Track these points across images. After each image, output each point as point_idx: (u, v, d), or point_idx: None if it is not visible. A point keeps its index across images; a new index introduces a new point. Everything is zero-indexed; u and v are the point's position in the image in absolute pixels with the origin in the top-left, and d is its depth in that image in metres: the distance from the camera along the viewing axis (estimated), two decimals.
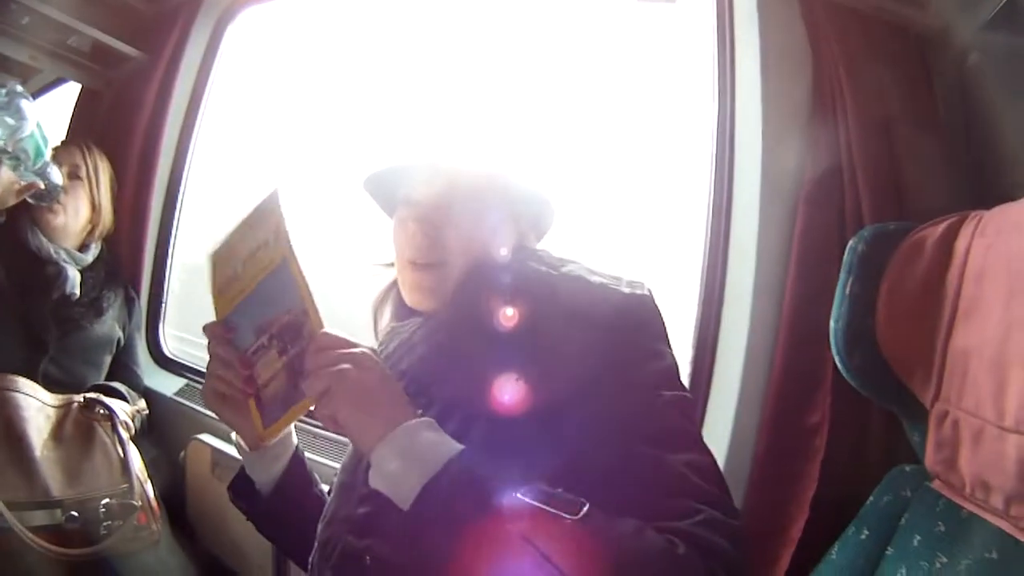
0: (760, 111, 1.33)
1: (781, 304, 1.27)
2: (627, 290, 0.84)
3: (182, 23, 2.20)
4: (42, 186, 1.64)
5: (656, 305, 0.86)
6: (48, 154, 1.63)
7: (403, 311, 1.06)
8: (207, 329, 0.89)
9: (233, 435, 0.97)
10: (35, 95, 2.29)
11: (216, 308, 0.91)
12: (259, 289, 0.85)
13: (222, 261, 0.93)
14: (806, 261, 1.24)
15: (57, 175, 1.69)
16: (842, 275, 1.07)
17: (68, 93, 2.41)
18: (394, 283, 1.08)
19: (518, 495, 0.64)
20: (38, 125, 1.57)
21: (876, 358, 1.03)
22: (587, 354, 0.78)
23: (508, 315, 0.84)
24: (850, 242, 1.08)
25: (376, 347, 1.05)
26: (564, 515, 0.62)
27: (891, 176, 1.18)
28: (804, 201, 1.26)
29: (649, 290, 0.86)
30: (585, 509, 0.63)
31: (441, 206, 0.93)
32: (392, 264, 1.01)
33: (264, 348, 0.83)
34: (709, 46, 1.48)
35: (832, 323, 1.07)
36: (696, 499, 0.68)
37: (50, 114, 2.17)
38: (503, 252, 0.95)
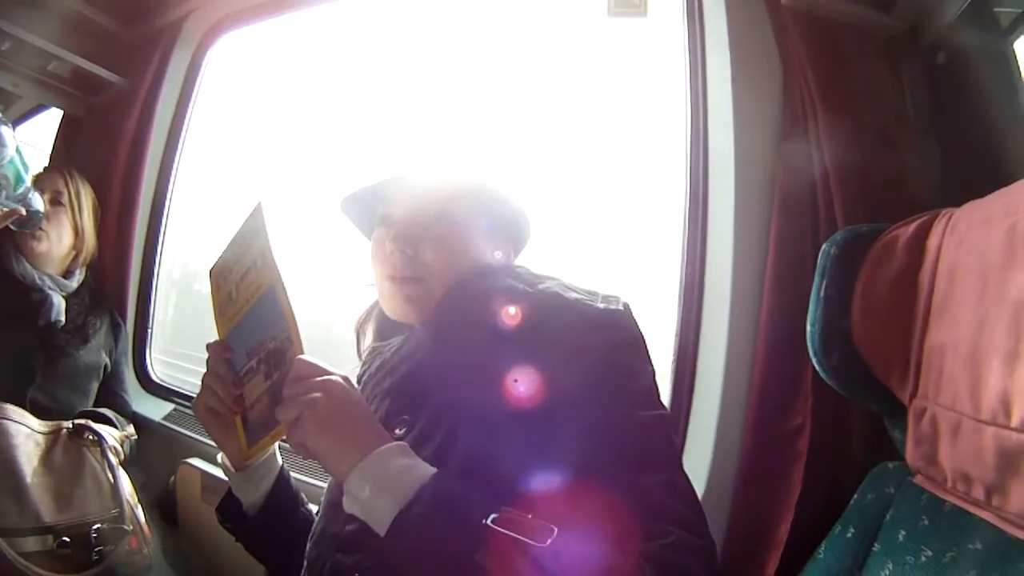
0: (732, 121, 1.34)
1: (759, 310, 1.28)
2: (602, 305, 0.85)
3: (162, 48, 2.21)
4: (24, 213, 1.63)
5: (632, 318, 0.87)
6: (29, 180, 1.63)
7: (385, 331, 1.08)
8: (210, 347, 0.91)
9: (219, 456, 0.97)
10: (16, 122, 2.30)
11: (217, 326, 0.94)
12: (251, 313, 0.87)
13: (221, 279, 0.96)
14: (782, 266, 1.25)
15: (39, 201, 1.68)
16: (816, 278, 1.08)
17: (50, 119, 2.42)
18: (376, 304, 1.09)
19: (489, 521, 0.65)
20: (18, 151, 1.56)
21: (854, 358, 1.03)
22: (563, 371, 0.79)
23: (486, 333, 0.85)
24: (823, 246, 1.08)
25: (359, 367, 1.05)
26: (533, 543, 0.63)
27: (863, 179, 1.19)
28: (778, 208, 1.27)
29: (624, 304, 0.87)
30: (554, 535, 0.64)
31: (417, 223, 0.94)
32: (372, 284, 1.02)
33: (253, 370, 0.85)
34: (680, 57, 1.49)
35: (809, 326, 1.08)
36: (669, 520, 0.69)
37: (32, 141, 2.18)
38: (481, 267, 0.96)
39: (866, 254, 1.03)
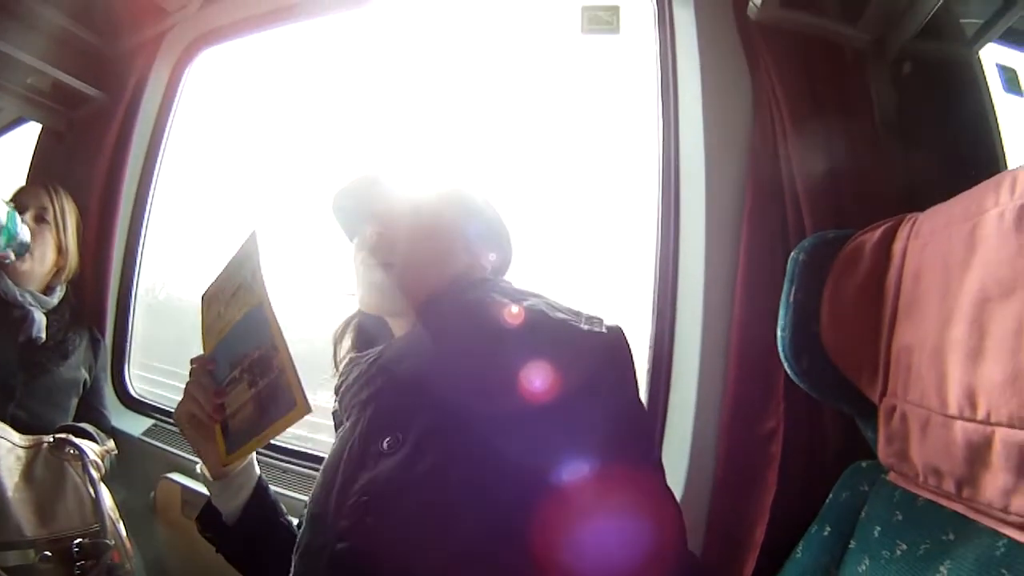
0: (702, 132, 1.37)
1: (731, 317, 1.30)
2: (585, 327, 0.83)
3: (142, 63, 2.20)
4: (13, 257, 1.64)
5: (617, 341, 0.85)
6: (19, 226, 1.63)
7: (362, 342, 1.09)
8: (194, 361, 0.95)
9: (198, 467, 0.98)
10: None
11: (204, 344, 0.99)
12: (237, 327, 0.91)
13: (211, 300, 1.00)
14: (753, 274, 1.27)
15: (26, 233, 1.68)
16: (785, 284, 1.09)
17: (28, 133, 2.40)
18: (354, 315, 1.10)
19: None
20: (8, 215, 1.59)
21: (824, 361, 1.05)
22: (554, 389, 0.77)
23: (471, 346, 0.85)
24: (792, 253, 1.10)
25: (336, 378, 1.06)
26: None
27: (831, 188, 1.22)
28: (748, 217, 1.30)
29: (607, 327, 0.85)
30: None
31: (398, 217, 0.97)
32: (353, 294, 1.03)
33: (236, 380, 0.89)
34: (652, 72, 1.52)
35: (779, 331, 1.10)
36: (663, 535, 0.72)
37: (10, 154, 2.17)
38: (463, 275, 0.97)
39: (834, 260, 1.06)
